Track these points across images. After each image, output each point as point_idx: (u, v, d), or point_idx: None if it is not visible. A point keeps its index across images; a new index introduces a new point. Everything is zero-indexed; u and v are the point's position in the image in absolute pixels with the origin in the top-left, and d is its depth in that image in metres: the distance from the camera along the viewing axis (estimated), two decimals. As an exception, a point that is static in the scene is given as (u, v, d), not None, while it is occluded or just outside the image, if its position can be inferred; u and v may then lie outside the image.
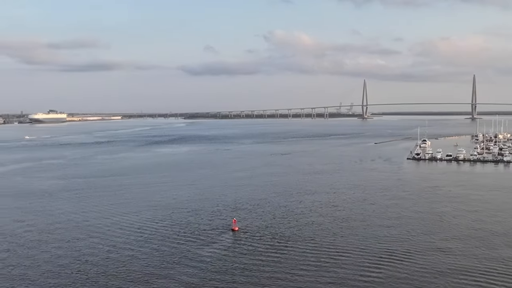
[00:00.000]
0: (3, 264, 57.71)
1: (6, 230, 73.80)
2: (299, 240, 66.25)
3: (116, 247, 63.88)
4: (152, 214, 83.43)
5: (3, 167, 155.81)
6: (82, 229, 73.65)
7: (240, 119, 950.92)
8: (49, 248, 64.21)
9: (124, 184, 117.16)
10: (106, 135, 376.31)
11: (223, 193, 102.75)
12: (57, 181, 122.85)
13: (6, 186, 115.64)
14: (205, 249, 62.51)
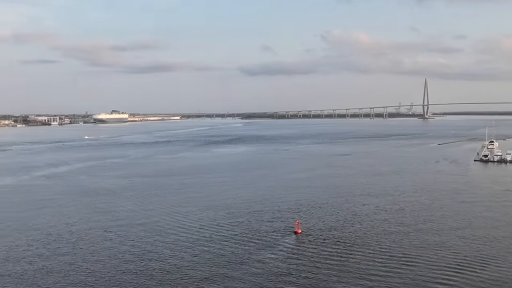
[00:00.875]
0: (70, 260, 58.63)
1: (73, 227, 75.38)
2: (365, 245, 63.67)
3: (179, 247, 63.64)
4: (213, 214, 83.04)
5: (69, 165, 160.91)
6: (145, 228, 74.11)
7: (297, 119, 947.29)
8: (113, 245, 64.84)
9: (184, 184, 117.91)
10: (165, 135, 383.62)
11: (284, 194, 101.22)
12: (120, 180, 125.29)
13: (73, 184, 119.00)
14: (267, 252, 61.14)
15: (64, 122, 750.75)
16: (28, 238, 69.15)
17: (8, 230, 73.78)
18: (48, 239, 68.87)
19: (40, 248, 64.53)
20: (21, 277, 53.38)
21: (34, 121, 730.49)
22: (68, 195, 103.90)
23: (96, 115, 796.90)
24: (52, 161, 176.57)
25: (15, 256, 60.86)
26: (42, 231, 73.24)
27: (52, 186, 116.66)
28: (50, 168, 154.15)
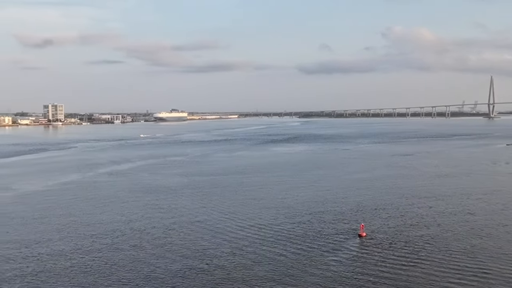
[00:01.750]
0: (131, 259, 58.80)
1: (136, 224, 76.11)
2: (434, 252, 60.35)
3: (239, 249, 62.63)
4: (273, 215, 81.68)
5: (131, 163, 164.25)
6: (205, 228, 73.72)
7: (355, 118, 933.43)
8: (174, 245, 64.67)
9: (243, 183, 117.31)
10: (223, 133, 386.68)
11: (345, 195, 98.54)
12: (180, 178, 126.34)
13: (135, 182, 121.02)
14: (331, 255, 59.08)
15: (126, 121, 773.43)
16: (93, 234, 70.31)
17: (74, 225, 75.38)
18: (113, 235, 69.72)
19: (105, 243, 65.32)
20: (87, 271, 54.00)
21: (98, 119, 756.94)
22: (131, 192, 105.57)
23: (157, 113, 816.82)
24: (114, 158, 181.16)
25: (82, 250, 61.88)
26: (106, 227, 74.38)
27: (115, 183, 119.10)
28: (113, 165, 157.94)
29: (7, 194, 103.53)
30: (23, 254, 61.45)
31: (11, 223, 78.02)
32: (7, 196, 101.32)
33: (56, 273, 54.02)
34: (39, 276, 53.12)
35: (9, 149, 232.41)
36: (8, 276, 53.53)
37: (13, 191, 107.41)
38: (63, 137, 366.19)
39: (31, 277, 52.88)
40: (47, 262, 57.92)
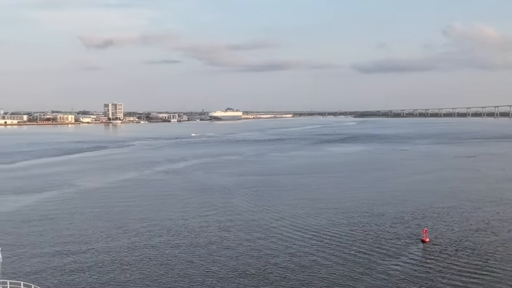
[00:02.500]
0: (188, 257, 58.36)
1: (191, 223, 75.92)
2: (505, 260, 56.48)
3: (296, 251, 60.99)
4: (330, 217, 79.49)
5: (187, 161, 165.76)
6: (261, 228, 72.51)
7: (413, 117, 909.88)
8: (230, 245, 63.82)
9: (299, 183, 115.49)
10: (278, 132, 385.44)
11: (406, 198, 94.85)
12: (235, 178, 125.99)
13: (190, 180, 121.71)
14: (392, 261, 56.36)
15: (182, 119, 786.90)
16: (150, 231, 70.63)
17: (132, 223, 76.10)
18: (168, 234, 69.75)
19: (162, 241, 65.37)
20: (143, 267, 53.92)
21: (156, 118, 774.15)
22: (186, 191, 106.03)
23: (212, 112, 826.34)
24: (170, 156, 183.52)
25: (139, 247, 62.13)
26: (163, 225, 74.59)
27: (171, 182, 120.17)
28: (169, 163, 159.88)
29: (69, 191, 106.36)
30: (83, 249, 62.43)
31: (72, 219, 79.77)
32: (69, 192, 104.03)
33: (112, 269, 54.35)
34: (96, 271, 53.58)
35: (72, 146, 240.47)
36: (67, 269, 54.33)
37: (75, 188, 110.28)
38: (122, 135, 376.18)
39: (88, 272, 53.41)
40: (104, 258, 58.44)
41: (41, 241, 66.53)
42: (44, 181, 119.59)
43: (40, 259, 58.40)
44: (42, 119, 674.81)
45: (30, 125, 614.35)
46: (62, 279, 51.70)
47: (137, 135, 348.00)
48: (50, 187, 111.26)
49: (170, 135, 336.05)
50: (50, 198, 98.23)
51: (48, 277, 51.97)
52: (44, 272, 53.69)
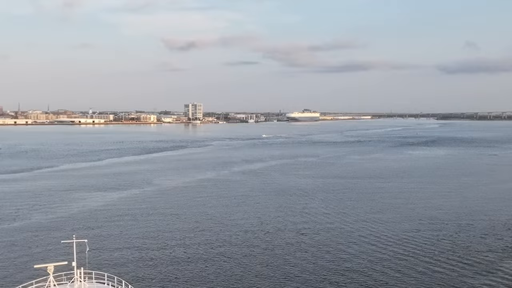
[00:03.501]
0: (266, 260, 56.88)
1: (268, 226, 74.48)
2: None
3: (377, 259, 57.75)
4: (414, 225, 75.12)
5: (264, 162, 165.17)
6: (340, 234, 69.77)
7: (500, 120, 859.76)
8: (308, 250, 61.66)
9: (379, 188, 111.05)
10: (356, 134, 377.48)
11: (497, 207, 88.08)
12: (312, 180, 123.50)
13: (267, 182, 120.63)
14: (485, 278, 51.73)
15: (259, 120, 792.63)
16: (227, 233, 70.00)
17: (208, 224, 75.91)
18: (245, 236, 68.76)
19: (238, 244, 64.43)
20: (219, 269, 53.12)
21: (234, 118, 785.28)
22: (263, 192, 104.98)
23: (289, 113, 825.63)
24: (248, 157, 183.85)
25: (215, 248, 61.59)
26: (239, 227, 73.78)
27: (248, 183, 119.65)
28: (246, 164, 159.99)
29: (149, 189, 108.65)
30: (161, 245, 62.86)
31: (151, 216, 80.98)
32: (149, 191, 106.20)
33: (187, 266, 54.07)
34: (172, 267, 53.53)
35: (153, 145, 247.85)
36: (146, 263, 54.76)
37: (154, 186, 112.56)
38: (201, 135, 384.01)
39: (167, 267, 53.41)
40: (180, 255, 58.44)
41: (123, 236, 68.53)
42: (126, 179, 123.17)
43: (121, 253, 60.50)
44: (126, 119, 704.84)
45: (115, 124, 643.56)
46: (141, 272, 53.12)
47: (215, 135, 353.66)
48: (131, 185, 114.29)
49: (247, 136, 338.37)
50: (131, 195, 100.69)
51: (129, 270, 53.37)
52: (125, 265, 55.45)
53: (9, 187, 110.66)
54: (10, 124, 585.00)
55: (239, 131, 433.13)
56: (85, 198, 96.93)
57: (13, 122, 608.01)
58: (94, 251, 54.83)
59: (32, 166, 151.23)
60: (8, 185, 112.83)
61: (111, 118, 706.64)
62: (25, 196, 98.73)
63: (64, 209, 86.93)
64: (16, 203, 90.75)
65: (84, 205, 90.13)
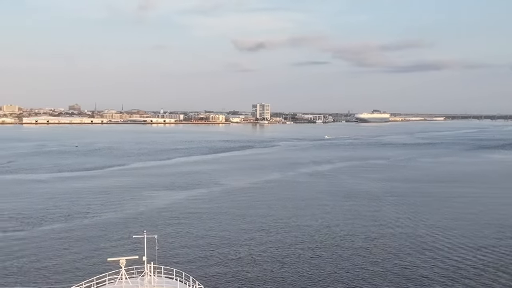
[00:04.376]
0: (332, 269, 54.92)
1: (335, 231, 72.35)
2: None
3: (454, 270, 54.24)
4: (495, 234, 70.37)
5: (331, 164, 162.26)
6: (411, 243, 66.32)
7: None
8: (377, 259, 59.02)
9: (454, 193, 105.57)
10: (428, 136, 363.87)
11: None
12: (382, 183, 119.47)
13: (335, 184, 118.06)
14: None
15: (327, 121, 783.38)
16: (292, 236, 68.61)
17: (274, 227, 74.78)
18: (312, 239, 67.13)
19: (304, 247, 62.84)
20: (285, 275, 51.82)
21: (301, 118, 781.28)
22: (330, 195, 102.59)
23: (358, 114, 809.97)
24: (315, 158, 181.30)
25: (280, 253, 60.36)
26: (306, 231, 72.12)
27: (315, 185, 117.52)
28: (313, 165, 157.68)
29: (215, 189, 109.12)
30: (226, 245, 62.45)
31: (217, 217, 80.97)
32: (216, 191, 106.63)
33: (251, 267, 53.22)
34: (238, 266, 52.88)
35: (220, 145, 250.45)
36: (212, 261, 54.76)
37: (221, 187, 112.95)
38: (268, 135, 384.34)
39: (232, 266, 52.96)
40: (245, 256, 57.76)
41: (191, 234, 69.89)
42: (193, 179, 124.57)
43: (189, 250, 62.01)
44: (196, 119, 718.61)
45: (185, 123, 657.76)
46: (208, 270, 54.27)
47: (282, 136, 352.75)
48: (198, 184, 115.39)
49: (314, 136, 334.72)
50: (198, 195, 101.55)
51: (196, 267, 54.46)
52: (192, 262, 56.67)
53: (82, 184, 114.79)
54: (87, 123, 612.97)
55: (307, 131, 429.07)
56: (154, 196, 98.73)
57: (89, 121, 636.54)
58: (163, 247, 55.59)
59: (104, 164, 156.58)
60: (82, 182, 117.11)
61: (181, 117, 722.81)
62: (97, 193, 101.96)
63: (133, 206, 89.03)
64: (89, 200, 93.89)
65: (153, 203, 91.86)
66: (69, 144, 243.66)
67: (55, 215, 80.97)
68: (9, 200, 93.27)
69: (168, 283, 34.05)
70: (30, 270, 54.34)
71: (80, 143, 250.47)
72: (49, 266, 55.73)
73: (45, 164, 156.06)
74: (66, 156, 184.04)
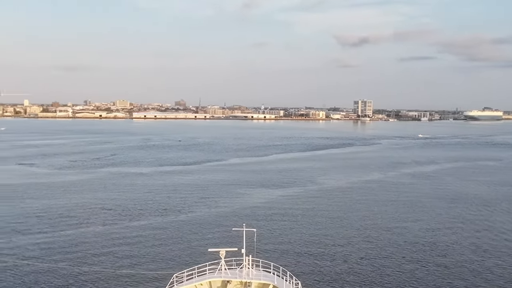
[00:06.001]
0: (436, 281, 49.75)
1: (439, 240, 66.27)
2: None
3: None
4: None
5: (436, 165, 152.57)
6: None
7: None
8: (486, 274, 52.69)
9: None
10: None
11: None
12: (494, 187, 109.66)
13: (440, 187, 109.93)
14: None
15: (434, 118, 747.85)
16: (392, 242, 63.78)
17: (372, 228, 70.35)
18: (414, 248, 61.77)
19: (405, 256, 57.87)
20: (381, 278, 47.82)
21: (405, 116, 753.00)
22: (435, 199, 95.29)
23: (467, 111, 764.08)
24: (419, 158, 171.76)
25: (377, 254, 56.13)
26: (407, 237, 66.90)
27: (418, 187, 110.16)
28: (416, 165, 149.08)
29: (312, 188, 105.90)
30: (321, 244, 59.25)
31: (313, 217, 78.12)
32: (313, 190, 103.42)
33: (351, 272, 49.79)
34: (333, 267, 49.81)
35: (319, 142, 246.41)
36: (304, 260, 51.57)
37: (318, 185, 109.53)
38: (369, 132, 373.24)
39: (326, 266, 49.92)
40: (342, 259, 54.25)
41: (287, 231, 69.69)
42: (290, 176, 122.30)
43: (286, 246, 62.26)
44: (296, 115, 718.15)
45: (285, 120, 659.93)
46: (305, 267, 53.77)
47: (384, 133, 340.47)
48: (294, 182, 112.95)
49: (414, 135, 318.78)
50: (294, 193, 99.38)
51: (293, 263, 54.50)
52: (289, 258, 56.33)
53: (180, 178, 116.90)
54: (191, 118, 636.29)
55: (411, 130, 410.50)
56: (250, 193, 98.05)
57: (193, 117, 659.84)
58: (261, 241, 54.09)
59: (203, 159, 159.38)
60: (180, 176, 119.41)
61: (281, 114, 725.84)
62: (194, 187, 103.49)
63: (229, 202, 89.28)
64: (186, 194, 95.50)
65: (249, 200, 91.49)
66: (172, 138, 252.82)
67: (155, 207, 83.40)
68: (112, 193, 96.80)
69: (266, 277, 34.84)
70: (135, 255, 57.56)
71: (183, 137, 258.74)
72: (152, 254, 58.35)
73: (147, 157, 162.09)
74: (168, 150, 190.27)
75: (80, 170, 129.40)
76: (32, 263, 53.30)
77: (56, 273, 51.14)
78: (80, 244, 61.64)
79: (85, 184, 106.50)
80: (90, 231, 67.80)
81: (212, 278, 34.74)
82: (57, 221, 73.17)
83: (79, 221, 73.20)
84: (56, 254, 57.40)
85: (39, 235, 65.12)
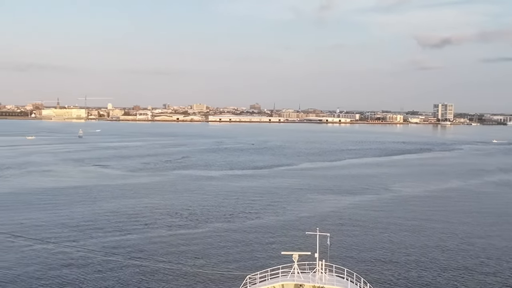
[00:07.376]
0: None
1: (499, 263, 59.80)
2: None
3: None
4: None
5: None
6: None
7: None
8: None
9: None
10: None
11: None
12: None
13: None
14: None
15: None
16: (476, 261, 57.92)
17: (452, 241, 64.72)
18: (502, 269, 55.76)
19: (487, 275, 52.29)
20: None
21: (489, 120, 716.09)
22: None
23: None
24: (504, 165, 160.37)
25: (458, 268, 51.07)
26: (491, 255, 60.65)
27: (504, 197, 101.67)
28: (501, 173, 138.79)
29: (386, 196, 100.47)
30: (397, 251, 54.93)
31: (387, 226, 73.50)
32: (386, 198, 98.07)
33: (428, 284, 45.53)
34: (411, 277, 45.87)
35: (395, 147, 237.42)
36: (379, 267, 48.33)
37: (393, 193, 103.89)
38: (449, 137, 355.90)
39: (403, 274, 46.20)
40: (419, 269, 49.84)
41: (361, 237, 67.49)
42: (363, 182, 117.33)
43: (360, 253, 60.78)
44: (372, 118, 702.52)
45: (361, 123, 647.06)
46: (380, 275, 51.96)
47: (466, 138, 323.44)
48: (367, 189, 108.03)
49: (502, 140, 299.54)
50: (367, 200, 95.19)
51: (367, 270, 52.54)
52: (363, 265, 54.55)
53: (250, 182, 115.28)
54: (265, 122, 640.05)
55: (493, 134, 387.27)
56: (320, 199, 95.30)
57: (267, 120, 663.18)
58: (334, 246, 51.28)
59: (274, 163, 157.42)
60: (249, 181, 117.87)
61: (357, 117, 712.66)
62: (263, 192, 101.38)
63: (301, 206, 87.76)
64: (255, 198, 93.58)
65: (319, 205, 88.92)
66: (245, 141, 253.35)
67: (224, 211, 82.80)
68: (181, 195, 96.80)
69: (339, 282, 33.98)
70: (208, 256, 57.92)
71: (257, 141, 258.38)
72: (225, 255, 58.48)
73: (218, 160, 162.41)
74: (239, 153, 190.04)
75: (152, 172, 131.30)
76: (115, 260, 55.42)
77: (136, 268, 52.82)
78: (155, 243, 62.55)
79: (155, 186, 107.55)
80: (162, 232, 68.44)
81: (285, 281, 34.30)
82: (128, 221, 74.15)
83: (151, 221, 74.33)
84: (136, 252, 58.73)
85: (115, 234, 66.55)
